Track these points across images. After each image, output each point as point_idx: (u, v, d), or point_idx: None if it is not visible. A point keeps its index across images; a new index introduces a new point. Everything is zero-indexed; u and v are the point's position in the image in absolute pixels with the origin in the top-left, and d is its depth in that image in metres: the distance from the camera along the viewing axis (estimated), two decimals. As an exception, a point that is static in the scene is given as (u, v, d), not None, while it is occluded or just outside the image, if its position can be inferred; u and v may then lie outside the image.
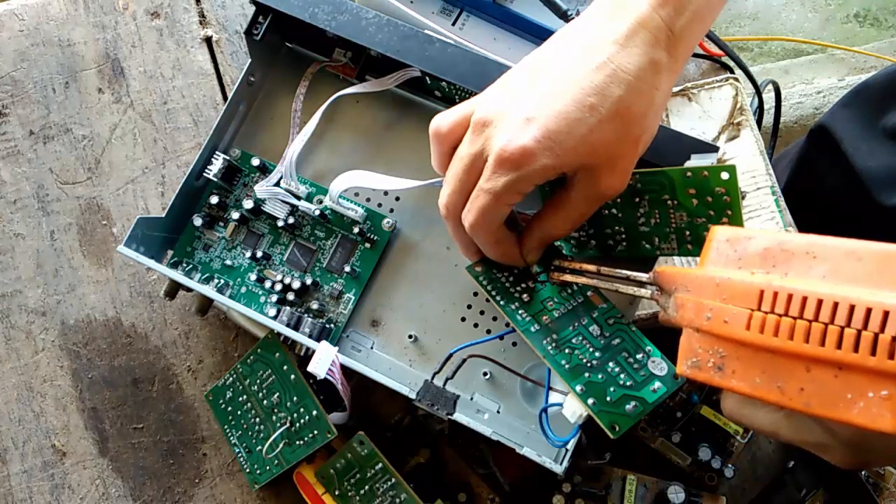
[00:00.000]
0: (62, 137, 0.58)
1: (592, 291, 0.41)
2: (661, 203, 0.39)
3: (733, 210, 0.36)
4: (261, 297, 0.50)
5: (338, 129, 0.52)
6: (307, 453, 0.47)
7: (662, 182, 0.38)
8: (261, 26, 0.48)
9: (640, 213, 0.40)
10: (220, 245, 0.51)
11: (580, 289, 0.41)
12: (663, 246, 0.40)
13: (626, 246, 0.42)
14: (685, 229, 0.39)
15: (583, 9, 0.51)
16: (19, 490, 0.54)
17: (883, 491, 0.50)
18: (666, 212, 0.39)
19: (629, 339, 0.39)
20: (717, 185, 0.36)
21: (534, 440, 0.45)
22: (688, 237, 0.39)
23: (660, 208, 0.39)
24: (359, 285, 0.49)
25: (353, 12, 0.46)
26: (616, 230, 0.41)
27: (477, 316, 0.48)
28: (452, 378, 0.39)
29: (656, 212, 0.39)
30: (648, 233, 0.40)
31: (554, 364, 0.38)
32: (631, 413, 0.37)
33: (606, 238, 0.42)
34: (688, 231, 0.39)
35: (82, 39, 0.60)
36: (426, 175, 0.46)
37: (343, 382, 0.44)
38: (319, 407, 0.46)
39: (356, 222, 0.49)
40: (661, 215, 0.39)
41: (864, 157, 0.57)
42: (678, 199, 0.38)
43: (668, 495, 0.47)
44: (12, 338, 0.56)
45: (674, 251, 0.40)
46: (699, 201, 0.37)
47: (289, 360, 0.48)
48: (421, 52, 0.45)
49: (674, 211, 0.38)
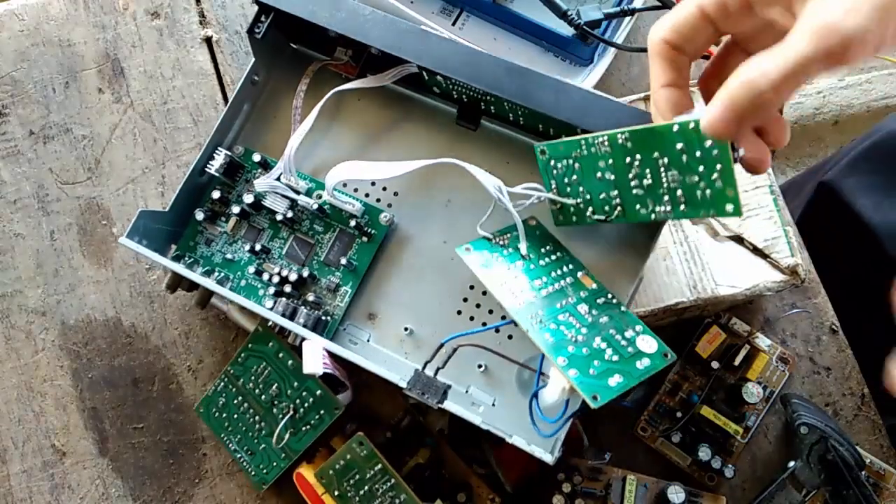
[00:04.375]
0: (62, 137, 0.58)
1: (584, 273, 0.40)
2: (652, 162, 0.37)
3: (724, 165, 0.34)
4: (259, 290, 0.50)
5: (339, 125, 0.52)
6: (315, 436, 0.47)
7: (651, 138, 0.37)
8: (262, 25, 0.48)
9: (633, 175, 0.38)
10: (221, 239, 0.51)
11: (571, 270, 0.40)
12: (658, 209, 0.38)
13: (622, 211, 0.40)
14: (677, 189, 0.37)
15: (582, 9, 0.51)
16: (19, 490, 0.54)
17: (883, 491, 0.50)
18: (657, 171, 0.37)
19: (618, 318, 0.38)
20: (706, 138, 0.34)
21: (527, 431, 0.45)
22: (681, 198, 0.37)
23: (651, 168, 0.37)
24: (356, 278, 0.49)
25: (352, 9, 0.46)
26: (611, 195, 0.40)
27: (473, 309, 0.48)
28: (444, 367, 0.39)
29: (648, 172, 0.38)
30: (643, 196, 0.39)
31: (538, 338, 0.38)
32: (614, 386, 0.36)
33: (603, 204, 0.41)
34: (680, 191, 0.37)
35: (82, 39, 0.60)
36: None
37: (336, 367, 0.44)
38: (323, 386, 0.47)
39: (354, 216, 0.49)
40: (652, 175, 0.38)
41: (885, 213, 0.56)
42: (668, 157, 0.36)
43: (668, 495, 0.47)
44: (12, 338, 0.56)
45: (668, 214, 0.38)
46: (689, 157, 0.35)
47: (283, 346, 0.48)
48: (417, 47, 0.45)
49: (664, 170, 0.37)
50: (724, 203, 0.35)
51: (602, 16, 0.51)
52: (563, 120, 0.42)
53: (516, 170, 0.49)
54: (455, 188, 0.49)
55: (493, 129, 0.50)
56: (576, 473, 0.48)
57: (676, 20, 0.35)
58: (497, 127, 0.50)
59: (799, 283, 0.49)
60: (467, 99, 0.48)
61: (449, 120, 0.50)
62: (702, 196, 0.36)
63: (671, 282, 0.50)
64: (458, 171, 0.44)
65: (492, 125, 0.50)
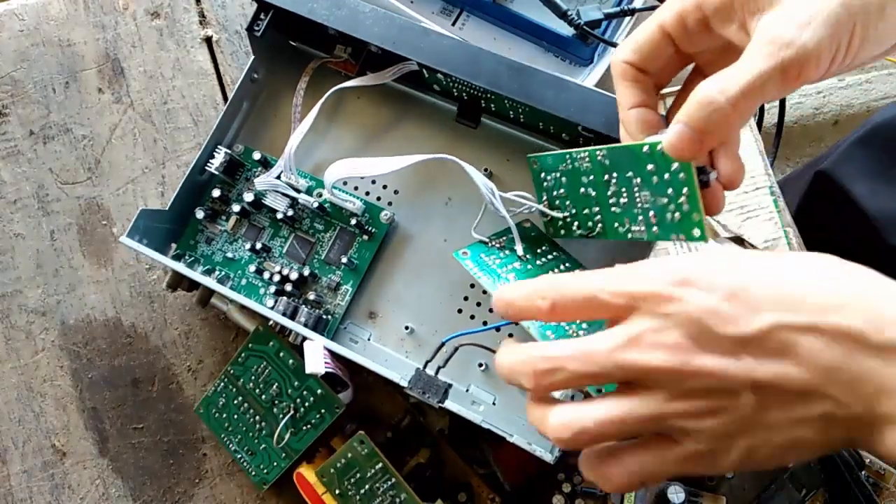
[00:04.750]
0: (62, 137, 0.58)
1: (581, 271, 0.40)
2: (628, 181, 0.37)
3: (689, 189, 0.34)
4: (260, 289, 0.50)
5: (339, 124, 0.52)
6: (316, 435, 0.47)
7: (626, 157, 0.37)
8: (262, 23, 0.49)
9: (611, 193, 0.38)
10: (222, 238, 0.52)
11: (569, 269, 0.40)
12: (633, 228, 0.38)
13: (602, 229, 0.40)
14: (650, 210, 0.37)
15: (583, 9, 0.51)
16: (19, 490, 0.54)
17: (883, 491, 0.50)
18: (632, 191, 0.37)
19: None
20: (672, 160, 0.34)
21: (528, 430, 0.45)
22: (653, 218, 0.37)
23: (627, 187, 0.37)
24: (356, 277, 0.49)
25: (351, 7, 0.46)
26: (592, 212, 0.40)
27: (473, 307, 0.48)
28: (445, 367, 0.39)
29: (624, 191, 0.38)
30: (620, 214, 0.39)
31: (539, 336, 0.37)
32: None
33: (586, 220, 0.41)
34: (652, 212, 0.37)
35: (82, 39, 0.60)
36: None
37: (338, 365, 0.44)
38: (324, 385, 0.47)
39: (354, 215, 0.49)
40: (628, 195, 0.38)
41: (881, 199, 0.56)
42: (640, 177, 0.36)
43: (668, 495, 0.47)
44: (12, 338, 0.56)
45: (642, 234, 0.38)
46: (658, 179, 0.35)
47: (284, 346, 0.48)
48: (417, 45, 0.45)
49: (638, 190, 0.37)
50: (691, 227, 0.35)
51: (602, 16, 0.51)
52: (563, 117, 0.42)
53: (516, 168, 0.49)
54: (455, 187, 0.49)
55: (494, 126, 0.50)
56: (576, 473, 0.48)
57: (637, 41, 0.35)
58: (497, 125, 0.50)
59: (799, 282, 0.49)
60: (467, 97, 0.48)
61: (449, 118, 0.50)
62: (671, 218, 0.35)
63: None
64: (458, 170, 0.44)
65: (492, 123, 0.50)
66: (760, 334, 0.26)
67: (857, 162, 0.59)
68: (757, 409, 0.26)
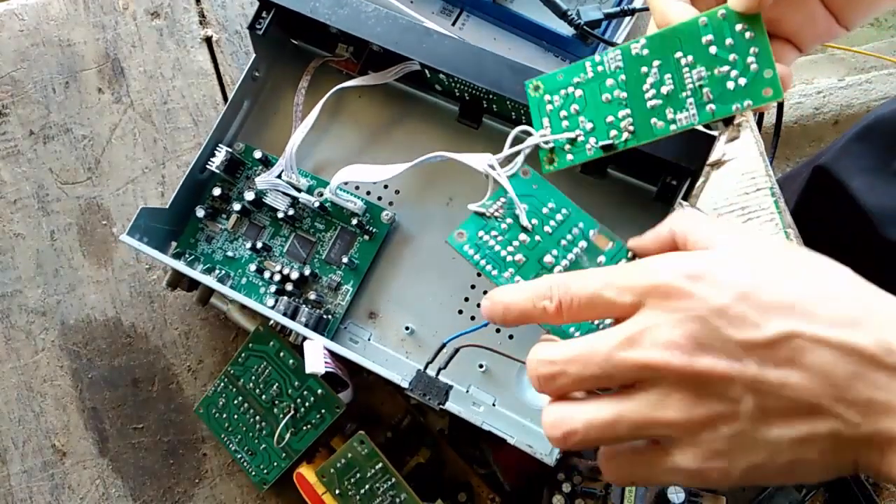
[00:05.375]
0: (62, 137, 0.58)
1: (597, 231, 0.36)
2: (674, 64, 0.35)
3: (760, 46, 0.33)
4: (260, 288, 0.50)
5: (340, 123, 0.52)
6: (317, 436, 0.47)
7: (673, 39, 0.35)
8: (264, 21, 0.49)
9: (649, 86, 0.36)
10: (222, 237, 0.52)
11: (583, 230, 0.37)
12: (679, 116, 0.36)
13: (633, 133, 0.37)
14: (703, 87, 0.35)
15: (583, 9, 0.51)
16: (19, 490, 0.54)
17: (883, 491, 0.50)
18: (679, 74, 0.35)
19: None
20: (738, 22, 0.33)
21: (528, 432, 0.45)
22: (707, 96, 0.35)
23: (672, 71, 0.35)
24: (357, 277, 0.49)
25: (353, 6, 0.46)
26: (619, 117, 0.37)
27: (474, 308, 0.48)
28: (445, 368, 0.39)
29: (668, 77, 0.35)
30: (660, 106, 0.36)
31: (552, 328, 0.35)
32: None
33: (608, 129, 0.38)
34: (707, 88, 0.35)
35: (82, 39, 0.60)
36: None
37: (338, 365, 0.44)
38: (324, 385, 0.47)
39: (355, 214, 0.49)
40: (674, 79, 0.35)
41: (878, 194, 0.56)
42: (693, 54, 0.35)
43: (668, 495, 0.47)
44: (12, 338, 0.56)
45: (692, 119, 0.36)
46: (719, 48, 0.34)
47: (284, 346, 0.48)
48: (419, 45, 0.45)
49: (689, 69, 0.35)
50: (762, 87, 0.34)
51: (602, 16, 0.51)
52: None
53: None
54: (456, 187, 0.49)
55: (495, 126, 0.50)
56: (576, 473, 0.48)
57: None
58: (499, 125, 0.50)
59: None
60: (469, 97, 0.48)
61: (450, 118, 0.50)
62: (735, 87, 0.34)
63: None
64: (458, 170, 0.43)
65: (494, 123, 0.50)
66: (769, 340, 0.25)
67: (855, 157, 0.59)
68: (758, 421, 0.25)
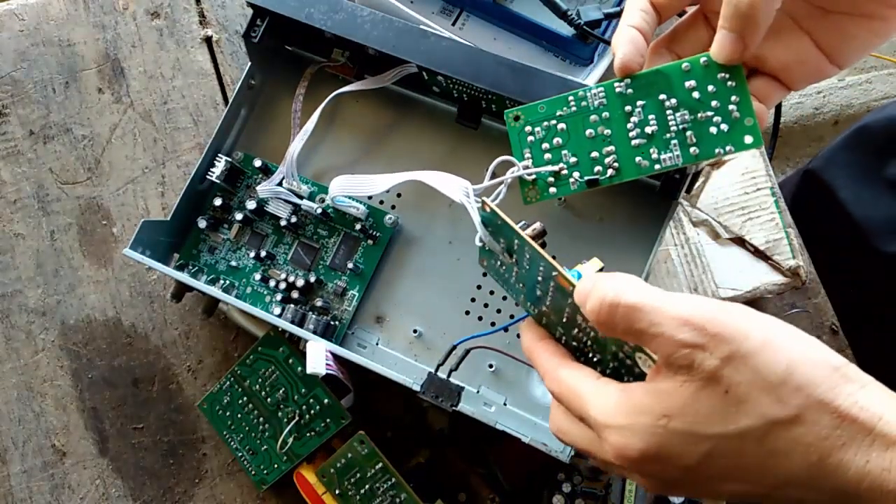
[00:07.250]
0: (62, 137, 0.58)
1: (556, 275, 0.35)
2: (657, 106, 0.36)
3: (740, 95, 0.34)
4: (266, 297, 0.50)
5: (339, 128, 0.52)
6: (320, 443, 0.47)
7: (657, 81, 0.35)
8: (258, 29, 0.48)
9: (633, 124, 0.36)
10: (224, 247, 0.51)
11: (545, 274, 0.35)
12: (663, 157, 0.36)
13: (617, 170, 0.37)
14: (687, 130, 0.36)
15: (583, 9, 0.51)
16: (19, 490, 0.54)
17: None
18: (663, 115, 0.36)
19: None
20: (719, 70, 0.34)
21: (540, 430, 0.45)
22: (691, 139, 0.36)
23: (656, 113, 0.36)
24: (362, 282, 0.49)
25: (349, 11, 0.46)
26: (603, 153, 0.37)
27: (481, 309, 0.48)
28: (456, 370, 0.39)
29: (652, 118, 0.36)
30: (645, 146, 0.36)
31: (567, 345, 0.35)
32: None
33: (592, 164, 0.38)
34: (690, 132, 0.36)
35: (82, 39, 0.60)
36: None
37: (340, 369, 0.44)
38: (331, 395, 0.47)
39: (358, 219, 0.49)
40: (657, 121, 0.36)
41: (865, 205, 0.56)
42: (676, 97, 0.35)
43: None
44: (12, 338, 0.56)
45: (676, 161, 0.36)
46: (701, 93, 0.35)
47: (294, 352, 0.48)
48: (416, 47, 0.45)
49: (672, 112, 0.36)
50: (743, 134, 0.35)
51: (602, 16, 0.51)
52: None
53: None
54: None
55: (494, 127, 0.50)
56: (576, 473, 0.48)
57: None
58: (498, 125, 0.50)
59: (800, 284, 0.49)
60: (468, 98, 0.48)
61: (449, 119, 0.50)
62: (717, 132, 0.35)
63: (672, 284, 0.50)
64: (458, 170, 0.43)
65: (493, 123, 0.50)
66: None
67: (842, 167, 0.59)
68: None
